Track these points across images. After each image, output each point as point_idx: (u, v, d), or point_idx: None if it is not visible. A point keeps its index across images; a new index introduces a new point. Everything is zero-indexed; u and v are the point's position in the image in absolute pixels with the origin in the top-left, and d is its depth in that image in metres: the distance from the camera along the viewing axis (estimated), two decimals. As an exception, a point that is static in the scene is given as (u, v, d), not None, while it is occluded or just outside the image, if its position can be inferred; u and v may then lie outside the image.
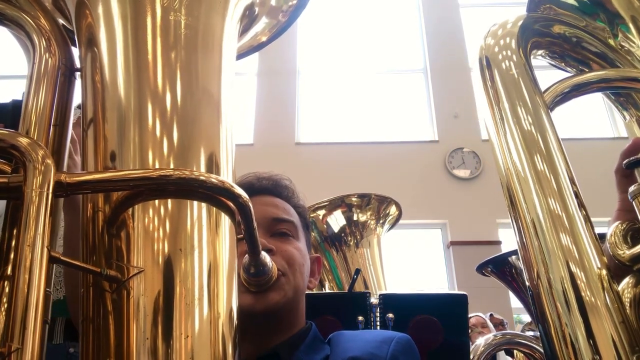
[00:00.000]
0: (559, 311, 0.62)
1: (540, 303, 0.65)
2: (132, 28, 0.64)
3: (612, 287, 0.62)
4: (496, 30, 0.87)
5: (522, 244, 0.70)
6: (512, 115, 0.77)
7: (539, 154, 0.72)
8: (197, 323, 0.50)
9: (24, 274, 0.43)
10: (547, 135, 0.74)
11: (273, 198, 0.97)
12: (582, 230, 0.66)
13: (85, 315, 0.52)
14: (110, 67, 0.62)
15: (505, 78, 0.81)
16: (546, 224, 0.67)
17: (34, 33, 0.63)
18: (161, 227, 0.53)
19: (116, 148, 0.58)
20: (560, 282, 0.63)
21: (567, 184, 0.70)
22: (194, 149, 0.60)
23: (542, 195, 0.69)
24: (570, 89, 0.81)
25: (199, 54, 0.66)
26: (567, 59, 0.98)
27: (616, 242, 0.66)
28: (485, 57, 0.84)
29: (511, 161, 0.74)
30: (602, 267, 0.63)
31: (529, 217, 0.69)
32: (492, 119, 0.80)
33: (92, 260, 0.53)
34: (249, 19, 0.83)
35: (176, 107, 0.60)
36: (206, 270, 0.53)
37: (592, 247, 0.65)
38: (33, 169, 0.46)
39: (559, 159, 0.72)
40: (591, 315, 0.60)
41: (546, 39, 0.92)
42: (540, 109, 0.77)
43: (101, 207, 0.54)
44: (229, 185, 0.53)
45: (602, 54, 0.95)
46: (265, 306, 0.82)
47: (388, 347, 0.84)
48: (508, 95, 0.79)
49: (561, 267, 0.64)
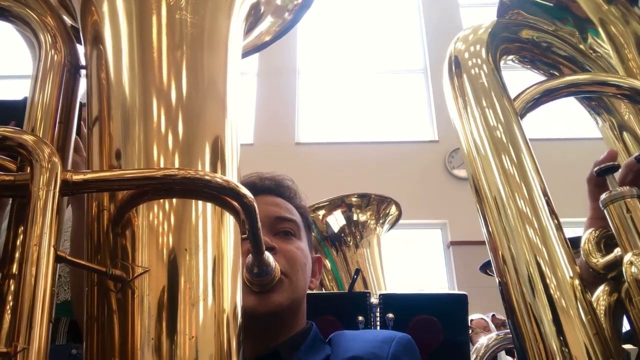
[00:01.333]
0: (534, 327, 0.61)
1: (510, 301, 0.65)
2: (138, 26, 0.63)
3: (585, 297, 0.61)
4: (467, 35, 0.87)
5: (491, 242, 0.70)
6: (483, 124, 0.76)
7: (510, 161, 0.72)
8: (202, 323, 0.50)
9: (30, 273, 0.42)
10: (517, 142, 0.74)
11: (275, 198, 0.97)
12: (554, 239, 0.65)
13: (90, 314, 0.52)
14: (115, 65, 0.62)
15: (476, 86, 0.80)
16: (518, 231, 0.66)
17: (40, 30, 0.63)
18: (166, 226, 0.53)
19: (121, 146, 0.57)
20: (532, 292, 0.62)
21: (539, 191, 0.70)
22: (199, 148, 0.59)
23: (514, 206, 0.68)
24: (540, 95, 0.81)
25: (204, 52, 0.65)
26: (538, 63, 0.98)
27: (589, 249, 0.66)
28: (455, 61, 0.84)
29: (482, 166, 0.73)
30: (574, 277, 0.62)
31: (500, 224, 0.68)
32: (461, 127, 0.79)
33: (97, 260, 0.53)
34: (255, 17, 0.83)
35: (181, 106, 0.60)
36: (211, 269, 0.53)
37: (565, 257, 0.64)
38: (40, 167, 0.46)
39: (529, 165, 0.72)
40: (565, 327, 0.59)
41: (515, 45, 0.92)
42: (511, 116, 0.76)
43: (106, 205, 0.54)
44: (234, 185, 0.53)
45: (571, 57, 0.95)
46: (268, 308, 0.82)
47: (389, 347, 0.84)
48: (478, 103, 0.78)
49: (535, 278, 0.63)
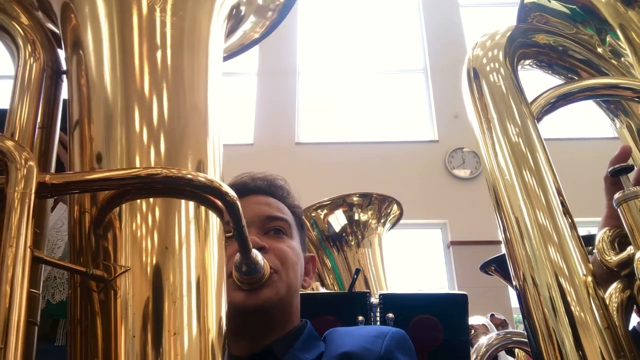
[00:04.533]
0: (547, 316, 0.63)
1: (527, 306, 0.67)
2: (118, 29, 0.63)
3: (598, 293, 0.63)
4: (485, 42, 0.89)
5: (509, 247, 0.71)
6: (500, 127, 0.79)
7: (526, 165, 0.74)
8: (186, 321, 0.50)
9: (5, 274, 0.42)
10: (534, 145, 0.76)
11: (267, 197, 0.97)
12: (568, 238, 0.67)
13: (73, 317, 0.51)
14: (96, 68, 0.61)
15: (493, 90, 0.83)
16: (533, 232, 0.68)
17: (18, 36, 0.63)
18: (148, 226, 0.53)
19: (102, 149, 0.57)
20: (547, 288, 0.64)
21: (554, 193, 0.71)
22: (181, 149, 0.59)
23: (529, 206, 0.70)
24: (556, 99, 0.83)
25: (185, 53, 0.65)
26: (555, 67, 1.00)
27: (603, 248, 0.68)
28: (473, 69, 0.87)
29: (499, 171, 0.76)
30: (587, 274, 0.64)
31: (516, 225, 0.70)
32: (479, 130, 0.81)
33: (80, 261, 0.52)
34: (236, 19, 0.82)
35: (162, 108, 0.60)
36: (194, 267, 0.53)
37: (578, 255, 0.66)
38: (15, 171, 0.47)
39: (546, 169, 0.74)
40: (577, 323, 0.61)
41: (533, 49, 0.94)
42: (528, 120, 0.79)
43: (87, 207, 0.54)
44: (218, 184, 0.52)
45: (589, 61, 0.97)
46: (256, 303, 0.82)
47: (382, 342, 0.84)
48: (496, 107, 0.81)
49: (548, 274, 0.65)
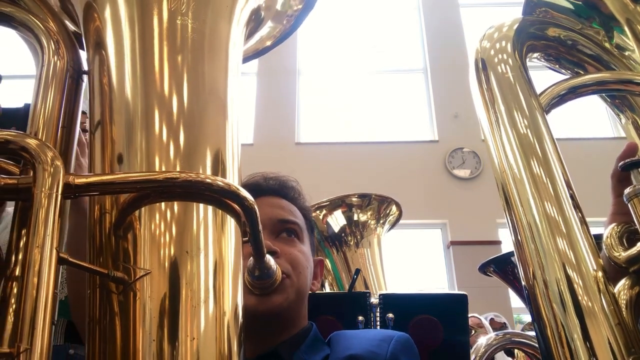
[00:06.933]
0: (556, 313, 0.63)
1: (536, 304, 0.66)
2: (140, 31, 0.64)
3: (608, 289, 0.63)
4: (492, 33, 0.88)
5: (518, 245, 0.71)
6: (508, 118, 0.77)
7: (534, 156, 0.73)
8: (203, 325, 0.50)
9: (33, 275, 0.43)
10: (542, 137, 0.75)
11: (279, 199, 0.98)
12: (578, 232, 0.67)
13: (92, 317, 0.52)
14: (117, 70, 0.62)
15: (501, 81, 0.81)
16: (542, 226, 0.68)
17: (43, 36, 0.63)
18: (167, 229, 0.53)
19: (123, 151, 0.58)
20: (556, 284, 0.64)
21: (563, 186, 0.70)
22: (200, 152, 0.60)
23: (538, 198, 0.69)
24: (566, 92, 0.82)
25: (205, 57, 0.66)
26: (563, 61, 0.99)
27: (612, 244, 0.67)
28: (481, 60, 0.85)
29: (507, 163, 0.75)
30: (598, 269, 0.64)
31: (525, 219, 0.70)
32: (487, 121, 0.80)
33: (99, 262, 0.53)
34: (255, 23, 0.83)
35: (183, 110, 0.61)
36: (212, 272, 0.53)
37: (588, 249, 0.66)
38: (42, 171, 0.47)
39: (555, 161, 0.73)
40: (587, 318, 0.61)
41: (541, 42, 0.92)
42: (536, 112, 0.77)
43: (108, 209, 0.54)
44: (235, 188, 0.53)
45: (597, 56, 0.96)
46: (268, 308, 0.83)
47: (388, 346, 0.85)
48: (504, 98, 0.80)
49: (557, 269, 0.64)
